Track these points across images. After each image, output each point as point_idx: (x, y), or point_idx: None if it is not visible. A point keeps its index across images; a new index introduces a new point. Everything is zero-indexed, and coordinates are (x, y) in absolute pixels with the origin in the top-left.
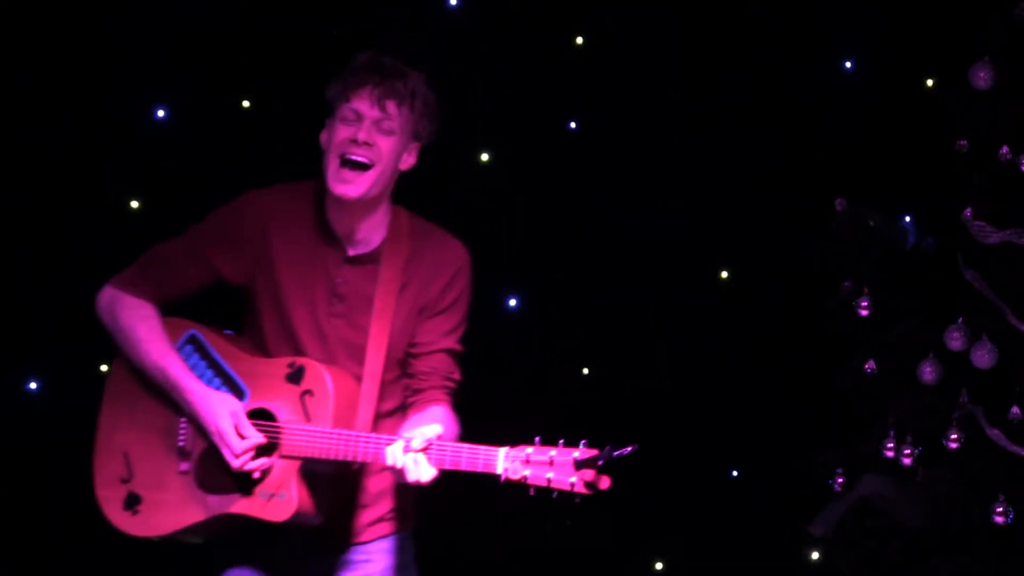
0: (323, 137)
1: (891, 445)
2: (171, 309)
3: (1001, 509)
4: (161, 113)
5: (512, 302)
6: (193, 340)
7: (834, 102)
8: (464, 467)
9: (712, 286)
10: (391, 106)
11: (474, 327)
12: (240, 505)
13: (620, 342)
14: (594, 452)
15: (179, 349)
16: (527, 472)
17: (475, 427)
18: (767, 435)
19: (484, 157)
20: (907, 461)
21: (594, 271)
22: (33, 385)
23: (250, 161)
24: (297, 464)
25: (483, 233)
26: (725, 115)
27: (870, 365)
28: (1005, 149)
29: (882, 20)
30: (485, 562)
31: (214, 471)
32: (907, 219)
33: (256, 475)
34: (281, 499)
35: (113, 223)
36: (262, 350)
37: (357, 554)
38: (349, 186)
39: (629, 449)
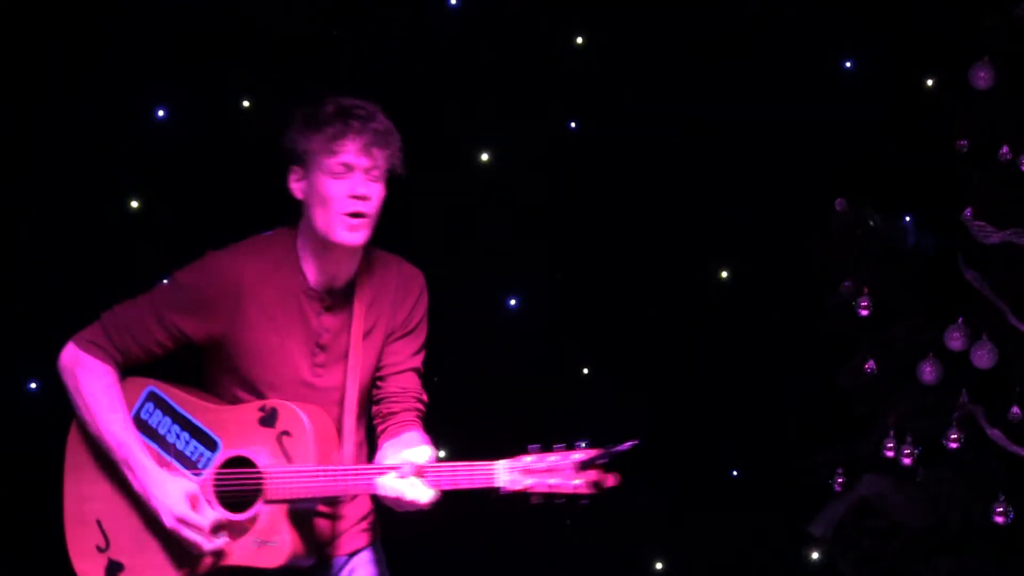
0: (297, 187)
1: (891, 445)
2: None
3: (1001, 509)
4: (161, 113)
5: (512, 302)
6: (153, 397)
7: (834, 102)
8: (462, 485)
9: (712, 286)
10: (376, 152)
11: (474, 327)
12: (232, 556)
13: (620, 342)
14: (595, 452)
15: (140, 407)
16: (528, 481)
17: (476, 426)
18: (767, 435)
19: (484, 157)
20: (907, 461)
21: (594, 271)
22: (33, 385)
23: (250, 161)
24: (285, 507)
25: (483, 233)
26: (725, 115)
27: (870, 365)
28: (1005, 149)
29: (882, 20)
30: (485, 563)
31: None
32: (907, 219)
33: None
34: (273, 545)
35: (113, 223)
36: (232, 402)
37: (342, 568)
38: (356, 234)
39: (629, 445)
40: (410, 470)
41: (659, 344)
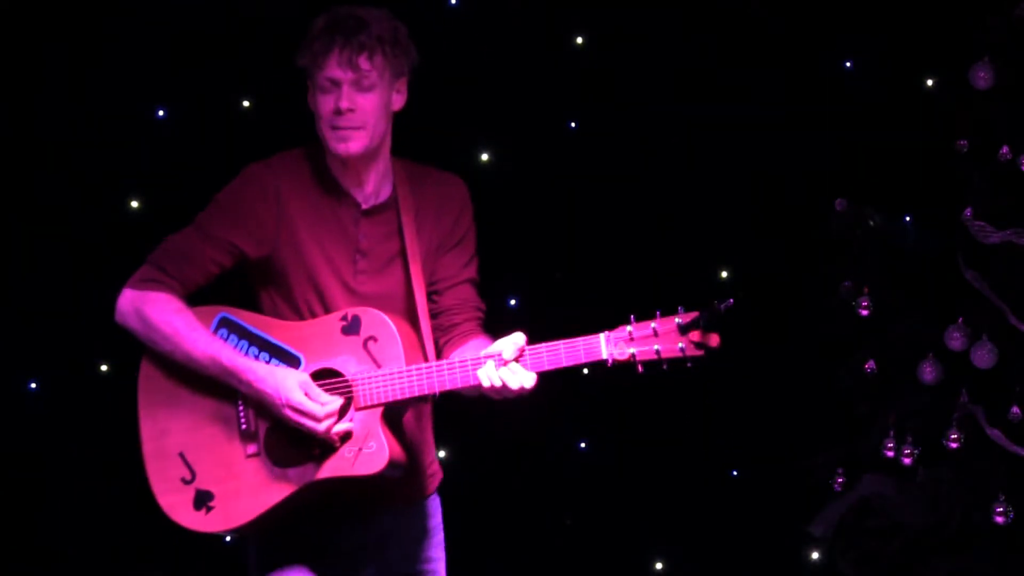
0: (311, 101)
1: (891, 445)
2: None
3: (1001, 509)
4: (161, 113)
5: (512, 302)
6: (226, 322)
7: (834, 102)
8: (565, 363)
9: (712, 286)
10: (363, 62)
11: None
12: (327, 469)
13: None
14: (695, 314)
15: (214, 333)
16: (633, 350)
17: (476, 427)
18: (767, 435)
19: (484, 157)
20: (907, 461)
21: (594, 271)
22: (33, 385)
23: (250, 161)
24: (379, 412)
25: (483, 233)
26: (725, 115)
27: (870, 365)
28: (1005, 149)
29: (882, 20)
30: (485, 563)
31: (288, 445)
32: (907, 219)
33: (338, 437)
34: (371, 450)
35: (113, 223)
36: (295, 316)
37: (419, 510)
38: (349, 143)
39: (731, 301)
40: (511, 354)
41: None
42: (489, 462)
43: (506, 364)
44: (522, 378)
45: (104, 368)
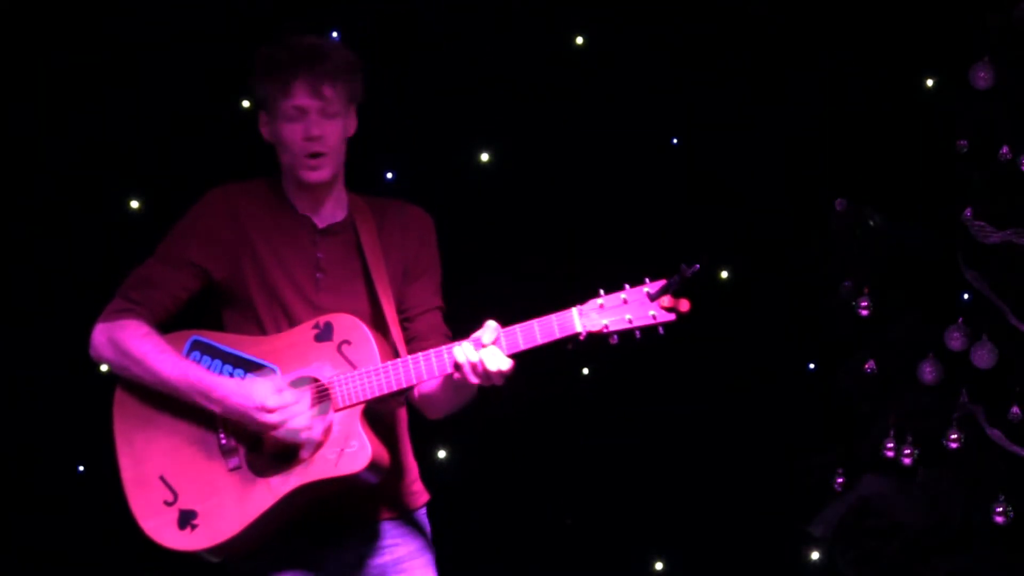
0: (265, 131)
1: (891, 445)
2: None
3: (1001, 509)
4: (162, 113)
5: (511, 303)
6: (198, 344)
7: (834, 102)
8: (541, 340)
9: (712, 286)
10: (328, 91)
11: (474, 329)
12: (311, 472)
13: (619, 343)
14: (663, 281)
15: (187, 356)
16: (606, 320)
17: (476, 429)
18: (767, 435)
19: (484, 157)
20: (907, 461)
21: (594, 271)
22: (33, 385)
23: (250, 161)
24: (359, 411)
25: (484, 233)
26: (725, 114)
27: (870, 365)
28: (1005, 149)
29: (883, 19)
30: (486, 563)
31: (269, 454)
32: (907, 219)
33: (318, 438)
34: (352, 449)
35: (113, 223)
36: (261, 334)
37: (403, 530)
38: (318, 172)
39: (697, 267)
40: (489, 337)
41: (658, 344)
42: (489, 462)
43: (484, 347)
44: (501, 361)
45: (104, 368)
